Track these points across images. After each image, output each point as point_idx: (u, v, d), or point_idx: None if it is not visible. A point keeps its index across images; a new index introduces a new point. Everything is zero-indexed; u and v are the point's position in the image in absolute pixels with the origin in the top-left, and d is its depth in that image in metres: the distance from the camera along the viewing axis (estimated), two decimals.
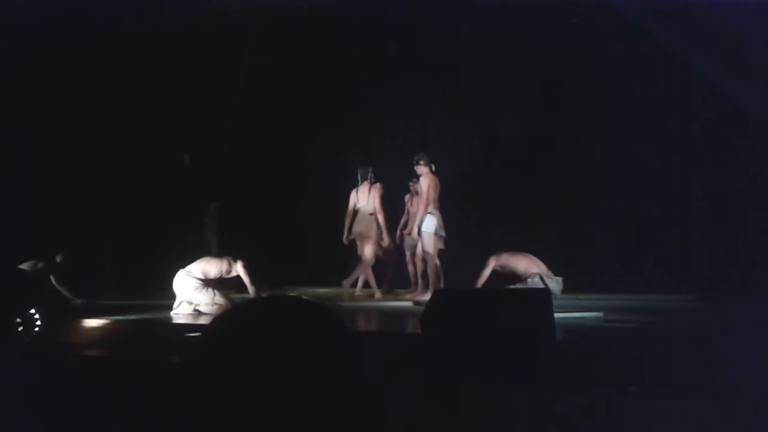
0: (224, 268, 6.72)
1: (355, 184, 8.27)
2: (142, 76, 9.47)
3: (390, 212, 8.35)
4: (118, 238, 9.66)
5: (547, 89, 9.27)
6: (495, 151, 9.61)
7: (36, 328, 4.98)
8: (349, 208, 8.18)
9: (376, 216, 8.02)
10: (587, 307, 6.38)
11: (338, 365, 0.90)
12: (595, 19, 8.45)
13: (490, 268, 6.71)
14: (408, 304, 7.38)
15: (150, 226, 9.58)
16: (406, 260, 8.47)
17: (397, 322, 6.42)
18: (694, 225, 8.55)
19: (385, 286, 8.54)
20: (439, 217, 7.64)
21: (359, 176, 8.19)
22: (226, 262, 6.74)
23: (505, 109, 9.53)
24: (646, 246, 8.74)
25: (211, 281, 6.64)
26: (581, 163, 9.19)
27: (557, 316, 3.76)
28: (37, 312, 5.01)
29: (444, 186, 7.86)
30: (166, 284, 6.77)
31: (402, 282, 8.67)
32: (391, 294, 8.40)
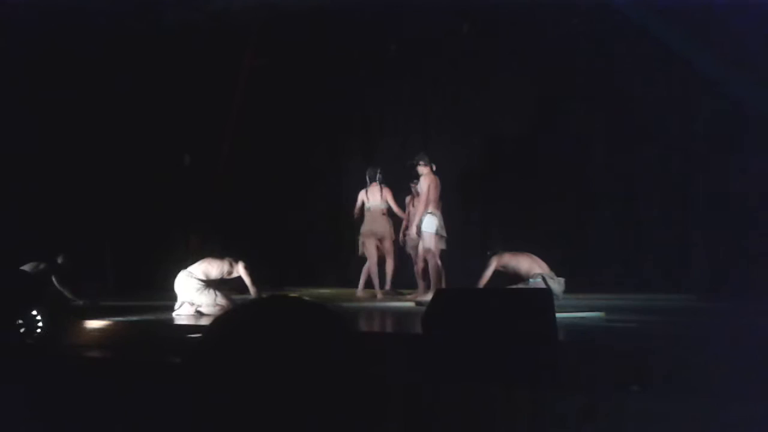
0: (226, 269, 6.73)
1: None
2: (143, 76, 9.47)
3: (390, 213, 8.38)
4: (120, 239, 9.67)
5: (548, 89, 9.27)
6: (495, 151, 9.61)
7: (38, 329, 5.00)
8: (356, 208, 8.25)
9: (387, 215, 8.14)
10: (588, 307, 6.38)
11: (340, 366, 0.91)
12: (595, 19, 8.45)
13: (492, 268, 6.71)
14: (410, 304, 7.38)
15: (151, 226, 9.58)
16: (413, 261, 8.47)
17: (398, 322, 6.43)
18: (694, 225, 8.55)
19: (385, 287, 8.53)
20: (439, 217, 7.64)
21: (368, 177, 8.25)
22: (227, 263, 6.75)
23: (505, 109, 9.52)
24: (646, 246, 8.74)
25: (213, 282, 6.65)
26: (581, 163, 9.19)
27: (558, 316, 3.77)
28: (39, 313, 5.02)
29: (445, 186, 7.87)
30: (168, 285, 6.78)
31: (402, 282, 8.65)
32: (395, 294, 8.38)
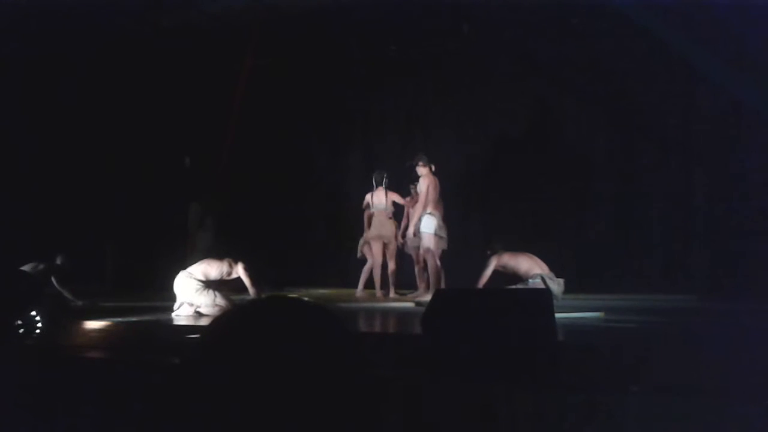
0: (225, 270, 6.72)
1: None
2: (143, 76, 9.47)
3: (394, 215, 8.43)
4: (119, 240, 9.67)
5: (548, 89, 9.27)
6: (495, 151, 9.61)
7: (37, 329, 4.98)
8: (366, 211, 8.35)
9: (393, 219, 8.24)
10: (587, 307, 6.38)
11: (339, 366, 0.91)
12: (595, 18, 8.45)
13: (491, 269, 6.70)
14: (409, 304, 7.38)
15: (150, 227, 9.58)
16: (414, 261, 8.47)
17: (398, 322, 6.43)
18: (694, 225, 8.55)
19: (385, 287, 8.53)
20: (438, 218, 7.63)
21: (374, 181, 8.31)
22: (227, 264, 6.74)
23: (505, 108, 9.53)
24: (645, 246, 8.74)
25: (212, 283, 6.64)
26: (581, 163, 9.19)
27: (557, 316, 3.77)
28: (38, 314, 5.01)
29: (445, 186, 7.86)
30: (167, 286, 6.78)
31: (402, 283, 8.65)
32: (394, 295, 8.38)
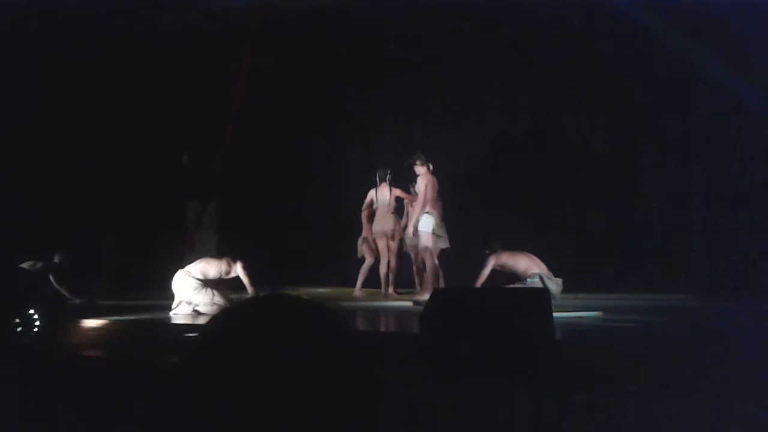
0: (224, 269, 6.71)
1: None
2: (142, 74, 9.45)
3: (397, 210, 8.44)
4: (117, 238, 9.65)
5: (548, 89, 9.26)
6: (494, 151, 9.60)
7: (35, 328, 4.97)
8: (365, 206, 8.40)
9: (395, 214, 8.27)
10: (585, 306, 6.38)
11: (337, 365, 0.90)
12: (595, 18, 8.44)
13: (489, 268, 6.68)
14: (408, 303, 7.37)
15: (149, 225, 9.56)
16: (412, 260, 8.46)
17: (396, 321, 6.42)
18: (694, 224, 8.54)
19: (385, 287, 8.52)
20: (436, 217, 7.61)
21: (378, 177, 8.34)
22: (225, 263, 6.73)
23: (505, 108, 9.52)
24: (645, 245, 8.74)
25: (210, 282, 6.63)
26: (581, 163, 9.18)
27: (555, 315, 3.76)
28: (36, 312, 5.00)
29: (443, 185, 7.85)
30: (165, 284, 6.77)
31: (401, 282, 8.64)
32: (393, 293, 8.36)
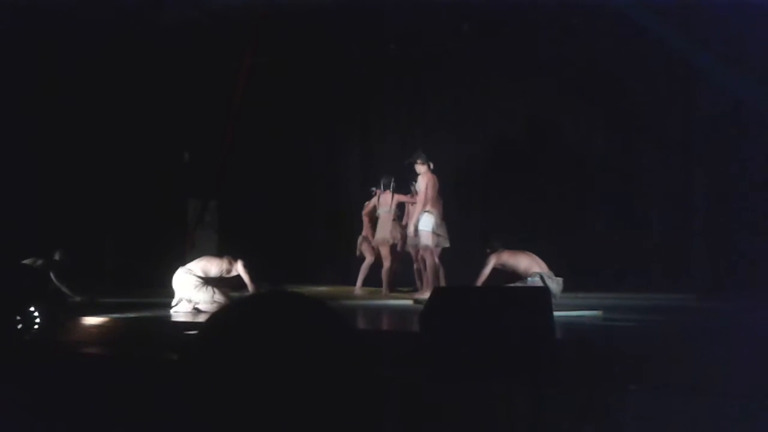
0: (225, 267, 6.72)
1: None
2: (142, 73, 9.45)
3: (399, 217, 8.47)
4: (118, 236, 9.65)
5: (548, 89, 9.25)
6: (495, 150, 9.60)
7: (35, 325, 4.98)
8: (367, 210, 8.52)
9: (397, 221, 8.32)
10: (586, 305, 6.37)
11: (338, 363, 0.90)
12: (595, 19, 8.43)
13: (490, 267, 6.68)
14: (408, 302, 7.37)
15: (149, 223, 9.56)
16: (413, 259, 8.45)
17: (396, 320, 6.42)
18: (694, 224, 8.54)
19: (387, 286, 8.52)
20: (437, 216, 7.59)
21: (382, 185, 8.41)
22: (226, 261, 6.74)
23: (505, 107, 9.52)
24: (645, 245, 8.73)
25: (211, 280, 6.64)
26: (581, 163, 9.18)
27: (556, 314, 3.76)
28: (37, 310, 5.00)
29: (444, 185, 7.85)
30: (165, 282, 6.77)
31: (400, 280, 8.63)
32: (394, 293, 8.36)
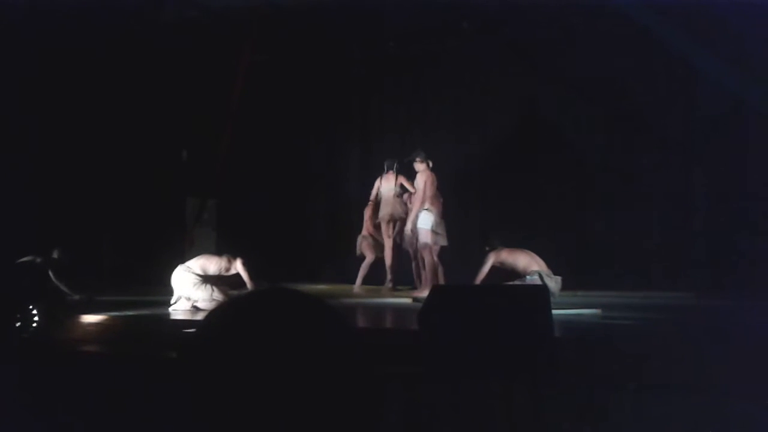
0: (224, 266, 6.71)
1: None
2: (142, 71, 9.43)
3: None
4: (116, 234, 9.64)
5: (547, 88, 9.25)
6: (495, 149, 9.59)
7: (34, 324, 4.97)
8: (372, 195, 8.49)
9: (401, 198, 8.27)
10: (584, 304, 6.37)
11: (337, 360, 0.89)
12: (595, 19, 8.41)
13: (489, 265, 6.67)
14: (407, 300, 7.36)
15: (148, 221, 9.55)
16: (411, 257, 8.45)
17: (395, 318, 6.42)
18: (694, 224, 8.54)
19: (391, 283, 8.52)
20: (435, 214, 7.58)
21: (386, 166, 8.42)
22: (225, 260, 6.73)
23: (505, 106, 9.52)
24: (645, 244, 8.73)
25: (210, 278, 6.63)
26: (581, 162, 9.17)
27: (554, 312, 3.76)
28: (35, 308, 4.99)
29: (443, 183, 7.84)
30: (164, 280, 6.76)
31: (400, 279, 8.62)
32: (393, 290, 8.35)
